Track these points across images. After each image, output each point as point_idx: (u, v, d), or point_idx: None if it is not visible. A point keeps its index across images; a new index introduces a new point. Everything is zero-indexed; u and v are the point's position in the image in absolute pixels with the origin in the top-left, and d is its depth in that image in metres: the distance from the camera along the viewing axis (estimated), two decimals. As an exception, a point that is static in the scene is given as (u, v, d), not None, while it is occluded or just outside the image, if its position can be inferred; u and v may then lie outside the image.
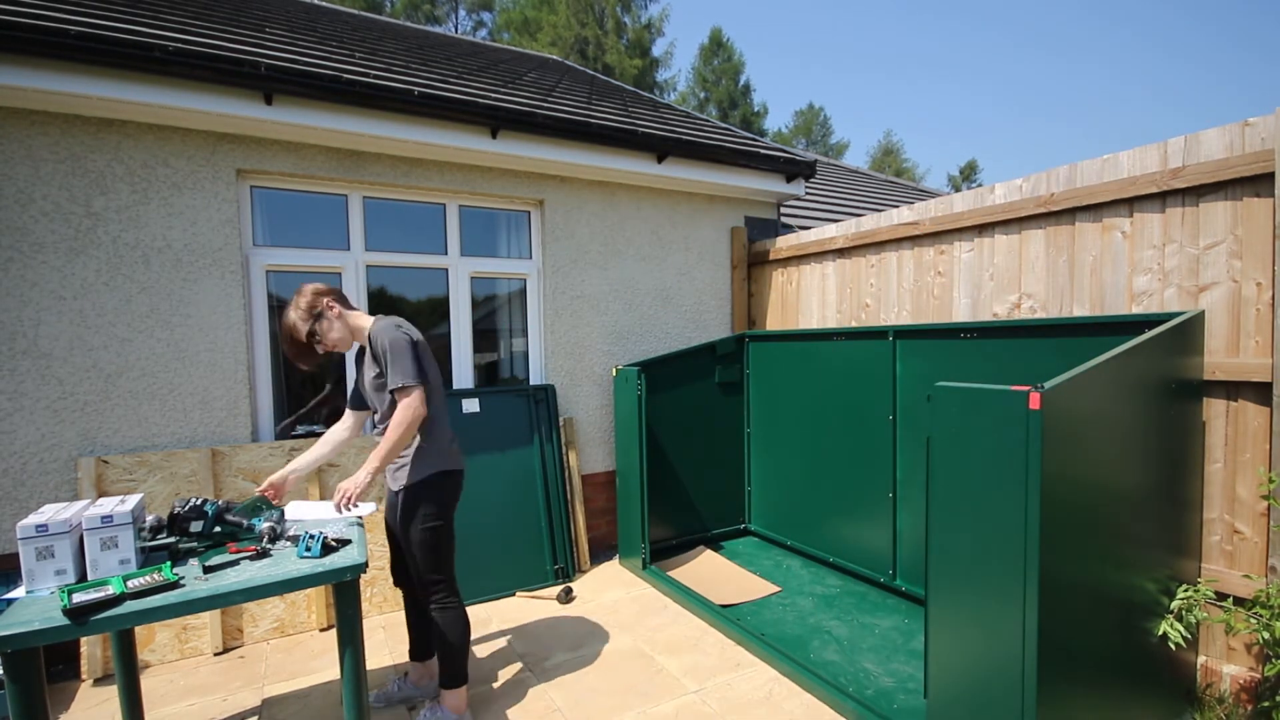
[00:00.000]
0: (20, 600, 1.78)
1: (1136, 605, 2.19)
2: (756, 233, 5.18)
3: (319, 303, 2.35)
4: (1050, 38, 64.61)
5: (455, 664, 2.48)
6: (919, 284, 3.79)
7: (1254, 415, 2.39)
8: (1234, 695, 2.40)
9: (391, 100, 3.49)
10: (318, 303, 2.35)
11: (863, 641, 3.11)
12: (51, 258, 3.02)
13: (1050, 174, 3.07)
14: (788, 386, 4.28)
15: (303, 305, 2.33)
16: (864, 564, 3.76)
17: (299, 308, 2.33)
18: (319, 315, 2.34)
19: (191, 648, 3.14)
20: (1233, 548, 2.46)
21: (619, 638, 3.28)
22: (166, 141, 3.23)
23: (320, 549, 2.07)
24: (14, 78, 2.78)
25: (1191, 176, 2.54)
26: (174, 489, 3.18)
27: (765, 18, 66.64)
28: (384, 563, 3.62)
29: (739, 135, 5.56)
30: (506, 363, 4.50)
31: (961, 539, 1.91)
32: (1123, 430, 2.09)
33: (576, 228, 4.43)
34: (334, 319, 2.37)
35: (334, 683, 2.88)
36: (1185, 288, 2.60)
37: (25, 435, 2.97)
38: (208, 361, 3.33)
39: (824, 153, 30.22)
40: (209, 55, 3.06)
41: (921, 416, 3.34)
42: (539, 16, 23.20)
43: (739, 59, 27.04)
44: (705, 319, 5.00)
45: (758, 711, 2.62)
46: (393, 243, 3.95)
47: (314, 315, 2.34)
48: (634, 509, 4.06)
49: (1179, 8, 59.01)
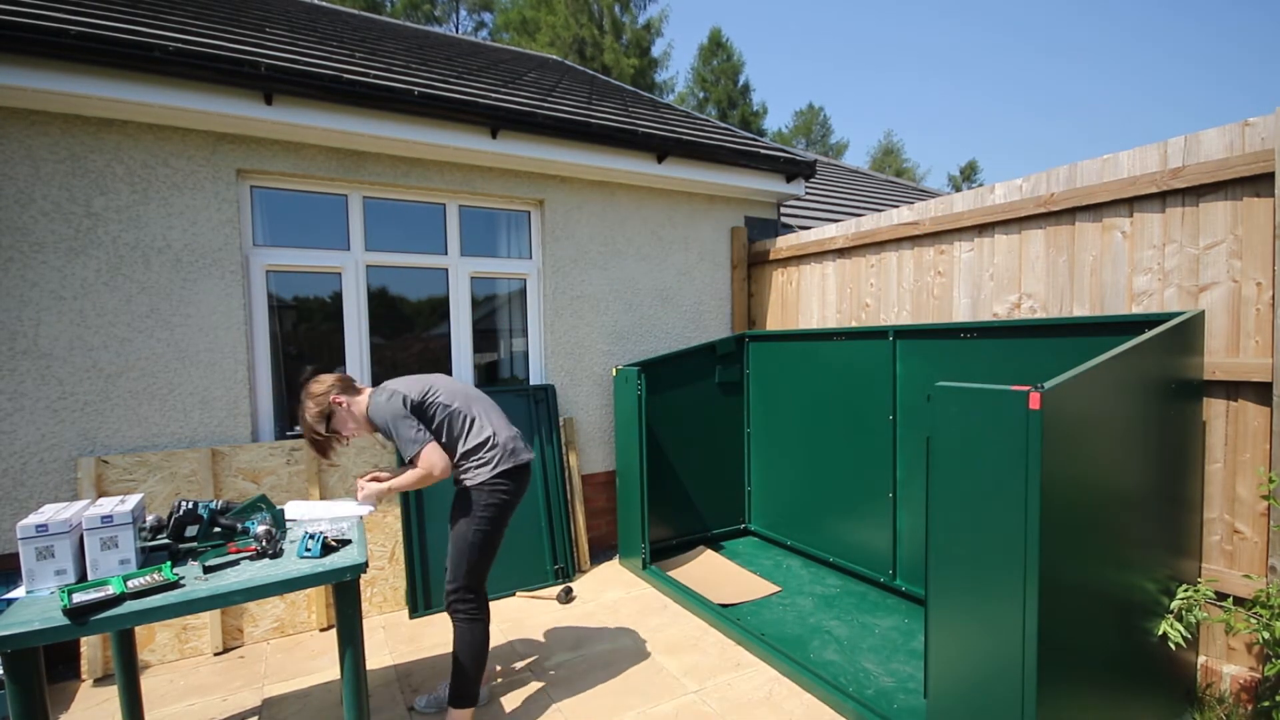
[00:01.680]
0: (20, 600, 1.78)
1: (1136, 605, 2.19)
2: (756, 233, 5.18)
3: (325, 402, 2.38)
4: (1050, 38, 64.64)
5: (468, 683, 2.45)
6: (919, 284, 3.79)
7: (1254, 415, 2.39)
8: (1234, 695, 2.40)
9: (391, 100, 3.49)
10: (324, 402, 2.38)
11: (863, 641, 3.11)
12: (51, 258, 3.02)
13: (1050, 174, 3.08)
14: (788, 386, 4.28)
15: (313, 408, 2.37)
16: (864, 564, 3.76)
17: (309, 411, 2.37)
18: (329, 415, 2.39)
19: (191, 648, 3.14)
20: (1233, 548, 2.46)
21: (619, 638, 3.28)
22: (166, 141, 3.23)
23: (320, 549, 2.07)
24: (14, 78, 2.78)
25: (1191, 176, 2.54)
26: (174, 489, 3.18)
27: (765, 18, 66.64)
28: (384, 563, 3.62)
29: (739, 135, 5.56)
30: (506, 363, 4.50)
31: (962, 539, 1.91)
32: (1123, 430, 2.09)
33: (576, 228, 4.43)
34: (345, 413, 2.41)
35: (334, 683, 2.88)
36: (1185, 288, 2.60)
37: (25, 435, 2.97)
38: (208, 361, 3.33)
39: (824, 153, 30.22)
40: (209, 55, 3.06)
41: (921, 416, 3.34)
42: (538, 16, 23.19)
43: (738, 59, 27.02)
44: (705, 319, 5.00)
45: (758, 711, 2.62)
46: (393, 243, 3.95)
47: (325, 416, 2.38)
48: (634, 509, 4.06)
49: (1179, 8, 59.04)
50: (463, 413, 2.47)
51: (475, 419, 2.49)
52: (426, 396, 2.43)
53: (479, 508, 2.43)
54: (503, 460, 2.46)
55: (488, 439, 2.47)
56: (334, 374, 2.48)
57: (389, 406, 2.35)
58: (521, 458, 2.54)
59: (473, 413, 2.50)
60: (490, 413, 2.57)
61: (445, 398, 2.46)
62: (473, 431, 2.47)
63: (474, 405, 2.53)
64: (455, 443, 2.45)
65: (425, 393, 2.43)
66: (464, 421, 2.46)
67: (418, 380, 2.50)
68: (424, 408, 2.41)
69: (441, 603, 3.59)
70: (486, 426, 2.50)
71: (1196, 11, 57.71)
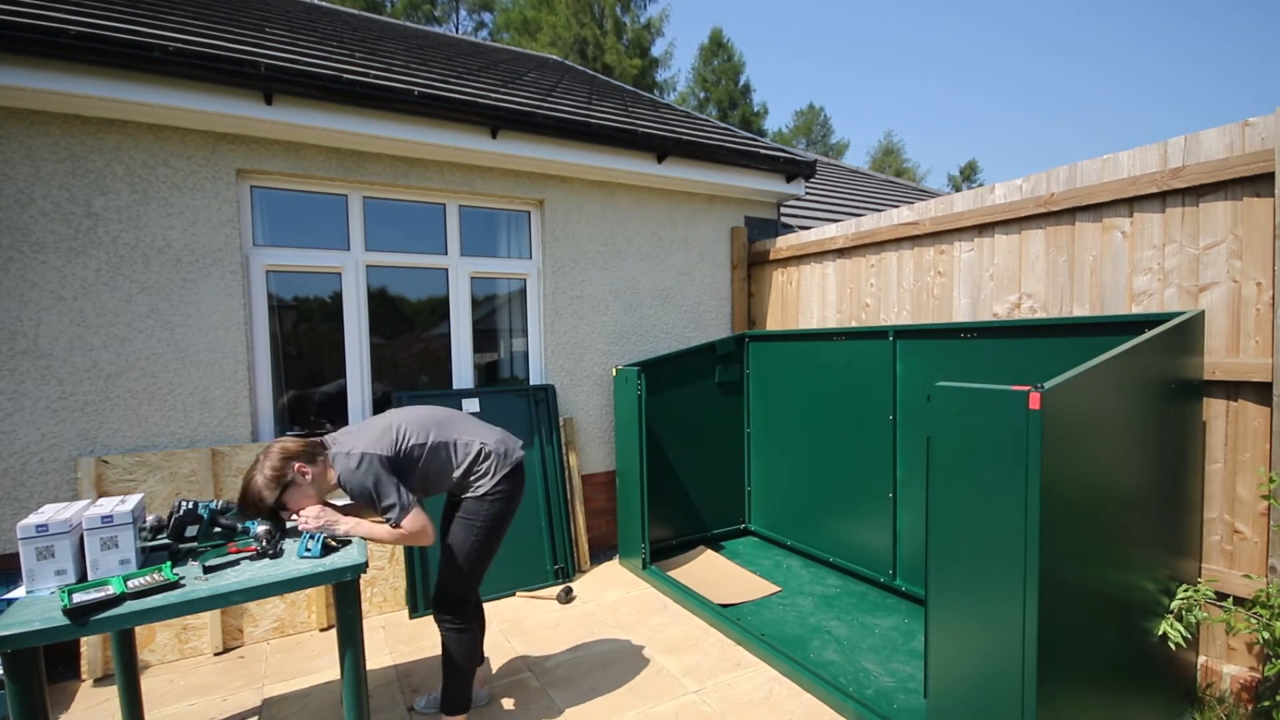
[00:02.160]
0: (20, 600, 1.78)
1: (1136, 605, 2.19)
2: (756, 233, 5.18)
3: (288, 470, 2.09)
4: (1050, 38, 64.64)
5: (459, 690, 2.41)
6: (919, 284, 3.79)
7: (1254, 415, 2.39)
8: (1234, 695, 2.40)
9: (391, 100, 3.49)
10: (286, 470, 2.09)
11: (863, 641, 3.11)
12: (51, 258, 3.02)
13: (1050, 174, 3.07)
14: (788, 386, 4.28)
15: (269, 471, 2.08)
16: (864, 564, 3.76)
17: (264, 473, 2.08)
18: (288, 484, 2.10)
19: (191, 648, 3.14)
20: (1233, 547, 2.46)
21: (619, 638, 3.28)
22: (166, 141, 3.23)
23: (320, 549, 2.07)
24: (14, 78, 2.78)
25: (1191, 176, 2.54)
26: (174, 489, 3.18)
27: (766, 18, 66.65)
28: (384, 563, 3.62)
29: (739, 135, 5.56)
30: (506, 362, 4.49)
31: (962, 539, 1.91)
32: (1123, 430, 2.09)
33: (576, 228, 4.43)
34: (306, 483, 2.13)
35: (334, 683, 2.88)
36: (1185, 288, 2.60)
37: (25, 435, 2.97)
38: (208, 361, 3.33)
39: (824, 153, 30.22)
40: (209, 55, 3.06)
41: (921, 416, 3.34)
42: (539, 16, 23.19)
43: (739, 59, 27.03)
44: (705, 319, 5.00)
45: (758, 711, 2.61)
46: (393, 243, 3.95)
47: (282, 485, 2.09)
48: (634, 509, 4.06)
49: (1179, 8, 59.03)
50: (442, 441, 2.31)
51: (455, 440, 2.34)
52: (400, 446, 2.21)
53: (479, 518, 2.33)
54: (500, 465, 2.37)
55: (478, 451, 2.35)
56: (299, 439, 2.20)
57: (362, 474, 2.11)
58: (515, 456, 2.43)
59: (449, 436, 2.34)
60: (466, 426, 2.41)
61: (417, 437, 2.26)
62: (460, 452, 2.33)
63: (447, 428, 2.36)
64: (451, 471, 2.33)
65: (396, 443, 2.21)
66: (448, 449, 2.32)
67: (377, 431, 2.23)
68: (401, 459, 2.21)
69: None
70: (472, 441, 2.36)
71: (1196, 11, 57.72)
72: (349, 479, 2.13)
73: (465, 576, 2.36)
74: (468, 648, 2.40)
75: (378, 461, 2.13)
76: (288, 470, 2.09)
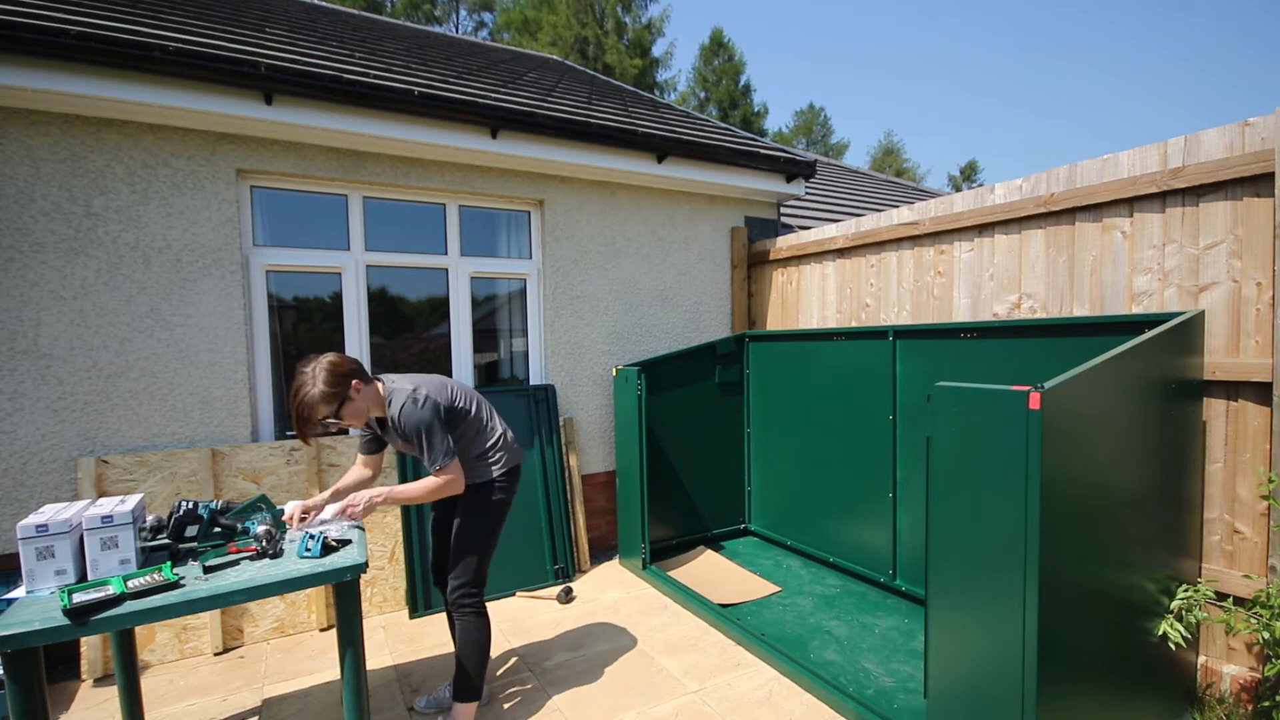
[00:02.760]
0: (20, 600, 1.78)
1: (1136, 605, 2.19)
2: (756, 233, 5.18)
3: (345, 386, 2.12)
4: (1050, 38, 64.62)
5: (473, 677, 2.46)
6: (919, 284, 3.79)
7: (1254, 415, 2.39)
8: (1234, 695, 2.40)
9: (391, 100, 3.49)
10: (344, 385, 2.12)
11: (863, 641, 3.11)
12: (51, 258, 3.02)
13: (1050, 174, 3.07)
14: (788, 386, 4.28)
15: (327, 390, 2.08)
16: (864, 564, 3.76)
17: (321, 390, 2.07)
18: (345, 400, 2.13)
19: (191, 648, 3.14)
20: (1233, 548, 2.46)
21: (619, 638, 3.28)
22: (166, 141, 3.23)
23: (320, 549, 2.07)
24: (14, 78, 2.78)
25: (1191, 176, 2.54)
26: (174, 489, 3.18)
27: (766, 18, 66.64)
28: (384, 563, 3.62)
29: (739, 135, 5.56)
30: (506, 362, 4.50)
31: (962, 539, 1.91)
32: (1123, 430, 2.09)
33: (576, 228, 4.43)
34: (359, 399, 2.18)
35: (334, 683, 2.88)
36: (1185, 288, 2.60)
37: (25, 435, 2.97)
38: (208, 361, 3.33)
39: (824, 153, 30.22)
40: (209, 55, 3.06)
41: (921, 416, 3.34)
42: (539, 16, 23.19)
43: (739, 59, 27.02)
44: (705, 319, 5.00)
45: (758, 711, 2.61)
46: (393, 243, 3.95)
47: (340, 400, 2.11)
48: (634, 509, 4.06)
49: (1179, 8, 59.01)
50: (480, 416, 2.49)
51: (488, 421, 2.53)
52: (454, 402, 2.37)
53: (489, 504, 2.45)
54: (509, 459, 2.52)
55: (499, 437, 2.52)
56: (344, 355, 2.23)
57: (423, 414, 2.21)
58: (520, 456, 2.60)
59: (485, 414, 2.52)
60: (494, 411, 2.60)
61: (465, 402, 2.44)
62: (487, 432, 2.50)
63: (484, 407, 2.55)
64: (473, 447, 2.46)
65: (452, 399, 2.37)
66: (480, 425, 2.49)
67: (437, 383, 2.38)
68: (452, 413, 2.35)
69: (441, 603, 3.58)
70: (498, 426, 2.55)
71: (1196, 11, 57.70)
72: (408, 415, 2.21)
73: (480, 558, 2.45)
74: (486, 634, 2.47)
75: (439, 408, 2.26)
76: (347, 386, 2.14)
